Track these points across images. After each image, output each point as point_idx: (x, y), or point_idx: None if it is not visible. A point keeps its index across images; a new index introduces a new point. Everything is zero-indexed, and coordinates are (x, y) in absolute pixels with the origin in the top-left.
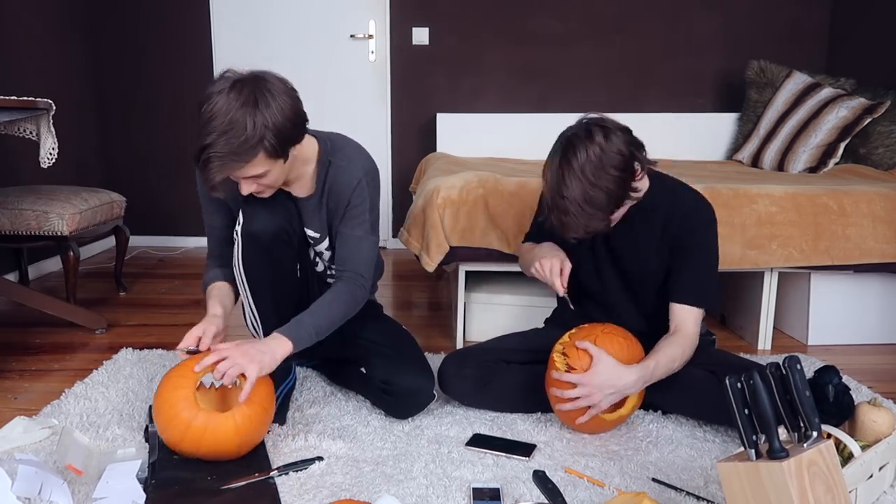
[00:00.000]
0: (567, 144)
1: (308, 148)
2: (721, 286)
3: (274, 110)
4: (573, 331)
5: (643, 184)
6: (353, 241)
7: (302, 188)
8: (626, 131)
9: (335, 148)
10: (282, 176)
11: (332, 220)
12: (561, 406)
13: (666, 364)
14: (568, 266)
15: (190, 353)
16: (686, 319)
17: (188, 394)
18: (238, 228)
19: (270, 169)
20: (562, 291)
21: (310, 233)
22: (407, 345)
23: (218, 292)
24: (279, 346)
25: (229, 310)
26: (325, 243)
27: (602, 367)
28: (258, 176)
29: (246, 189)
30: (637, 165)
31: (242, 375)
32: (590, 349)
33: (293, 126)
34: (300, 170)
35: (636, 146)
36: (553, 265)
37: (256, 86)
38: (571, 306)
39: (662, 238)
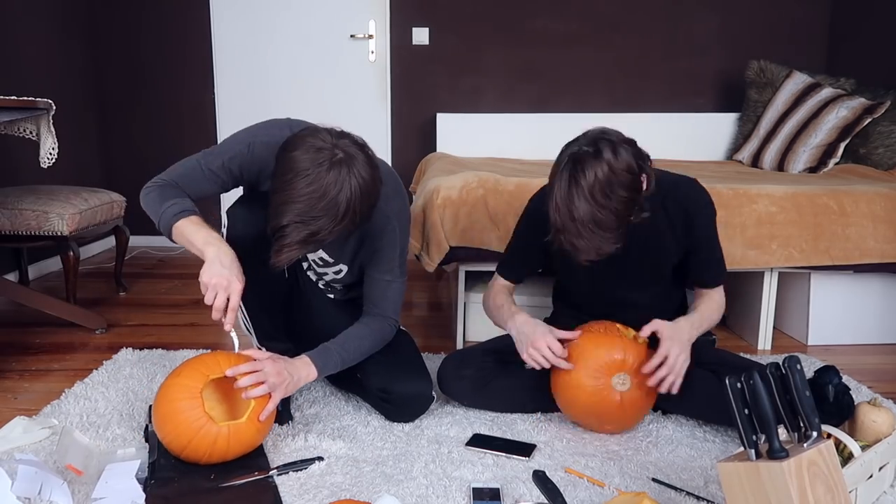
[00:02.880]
0: (574, 163)
1: None
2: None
3: (361, 194)
4: (581, 329)
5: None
6: (382, 284)
7: None
8: (632, 143)
9: None
10: None
11: (356, 252)
12: (665, 385)
13: (708, 317)
14: (560, 335)
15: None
16: (713, 294)
17: (200, 412)
18: (223, 232)
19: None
20: (564, 365)
21: (322, 255)
22: (402, 350)
23: (206, 226)
24: (305, 371)
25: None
26: (336, 268)
27: (668, 329)
28: None
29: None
30: (644, 179)
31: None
32: (652, 328)
33: (371, 207)
34: None
35: (643, 158)
36: (551, 343)
37: (350, 166)
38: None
39: (672, 234)
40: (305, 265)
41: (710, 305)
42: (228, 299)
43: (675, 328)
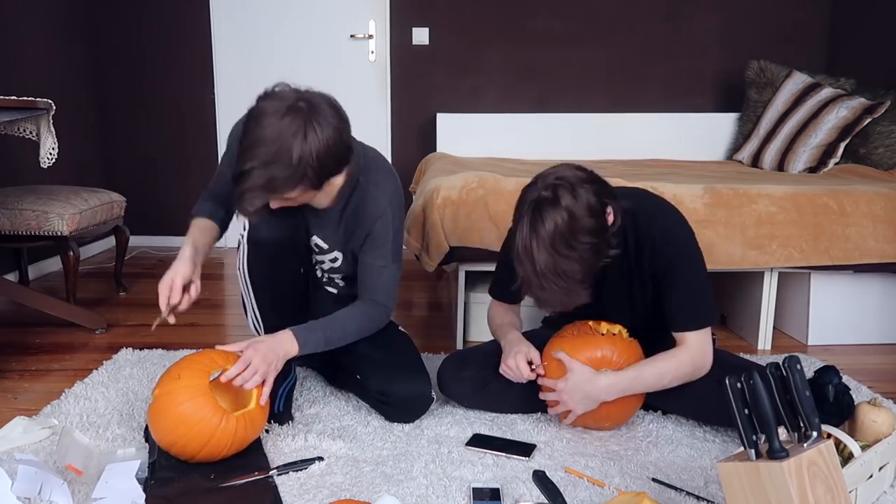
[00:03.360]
0: (534, 211)
1: (338, 178)
2: (713, 298)
3: (321, 145)
4: (555, 337)
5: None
6: (375, 270)
7: (324, 200)
8: (592, 181)
9: (368, 167)
10: (310, 198)
11: (348, 239)
12: (549, 409)
13: (653, 377)
14: (533, 355)
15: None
16: (688, 340)
17: (215, 407)
18: (244, 233)
19: (302, 195)
20: (533, 376)
21: (317, 241)
22: (401, 351)
23: (197, 229)
24: (288, 346)
25: (203, 249)
26: (331, 255)
27: (571, 375)
28: (289, 199)
29: (275, 205)
30: (609, 213)
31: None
32: (563, 359)
33: (336, 162)
34: (324, 197)
35: (606, 193)
36: (519, 363)
37: (310, 116)
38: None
39: (640, 264)
40: (313, 260)
41: (663, 365)
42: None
43: (573, 380)
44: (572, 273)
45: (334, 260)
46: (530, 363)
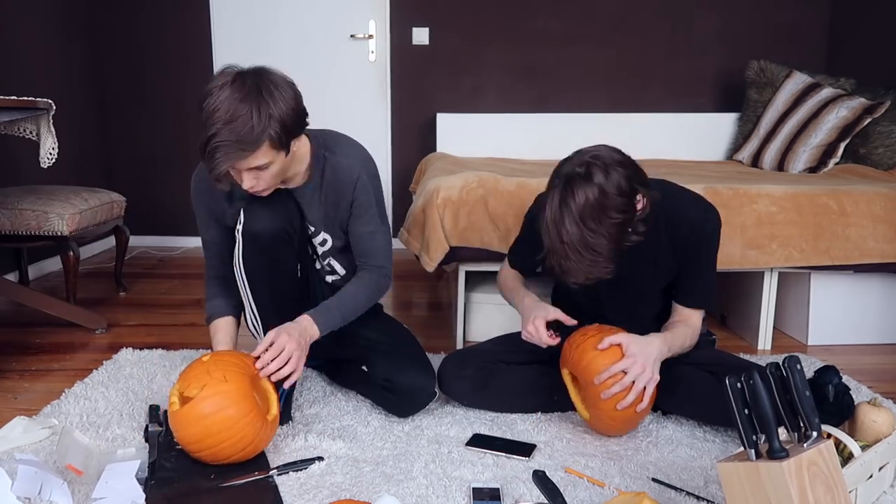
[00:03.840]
0: (566, 185)
1: (301, 145)
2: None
3: (277, 100)
4: (572, 348)
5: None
6: (367, 237)
7: (297, 170)
8: (626, 164)
9: (328, 143)
10: (282, 171)
11: (332, 215)
12: (622, 403)
13: (680, 341)
14: (553, 315)
15: None
16: (691, 316)
17: (260, 410)
18: (239, 227)
19: (273, 160)
20: (553, 342)
21: (308, 226)
22: (408, 343)
23: (223, 332)
24: (310, 328)
25: (234, 345)
26: (320, 238)
27: (633, 344)
28: (260, 168)
29: (247, 182)
30: (639, 200)
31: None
32: (613, 340)
33: (296, 116)
34: (296, 168)
35: (638, 180)
36: (539, 327)
37: (259, 78)
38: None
39: (671, 249)
40: (310, 250)
41: (685, 331)
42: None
43: (643, 344)
44: (598, 247)
45: (324, 242)
46: (549, 327)
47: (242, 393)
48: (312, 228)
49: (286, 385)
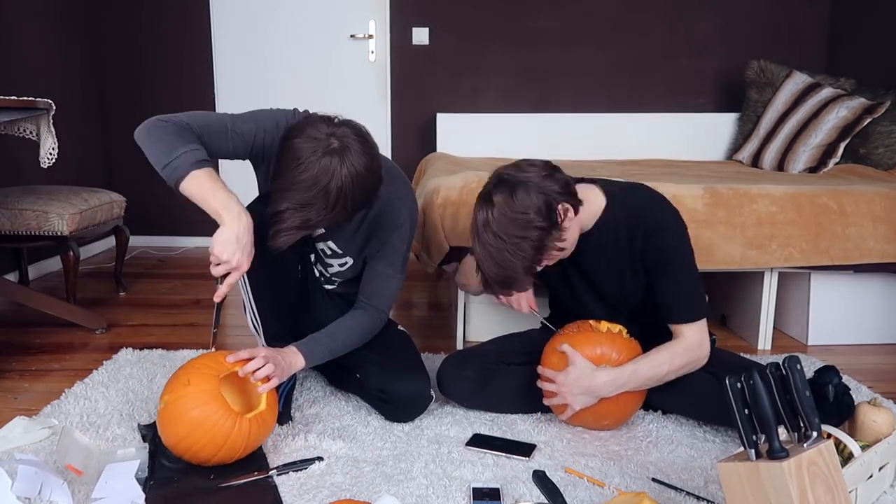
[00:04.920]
0: (481, 200)
1: None
2: (704, 289)
3: (354, 185)
4: (556, 335)
5: (597, 203)
6: (383, 277)
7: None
8: (548, 178)
9: (388, 179)
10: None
11: (363, 247)
12: (545, 399)
13: (650, 369)
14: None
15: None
16: (684, 332)
17: (229, 411)
18: None
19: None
20: (535, 311)
21: (331, 245)
22: (401, 350)
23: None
24: (294, 360)
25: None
26: (342, 260)
27: (573, 368)
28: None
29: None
30: (561, 211)
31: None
32: (567, 351)
33: (367, 196)
34: None
35: (561, 193)
36: (520, 299)
37: (343, 157)
38: (554, 328)
39: (631, 254)
40: (313, 257)
41: (658, 358)
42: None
43: (581, 374)
44: (507, 263)
45: (343, 264)
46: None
47: (207, 394)
48: (340, 251)
49: (262, 389)
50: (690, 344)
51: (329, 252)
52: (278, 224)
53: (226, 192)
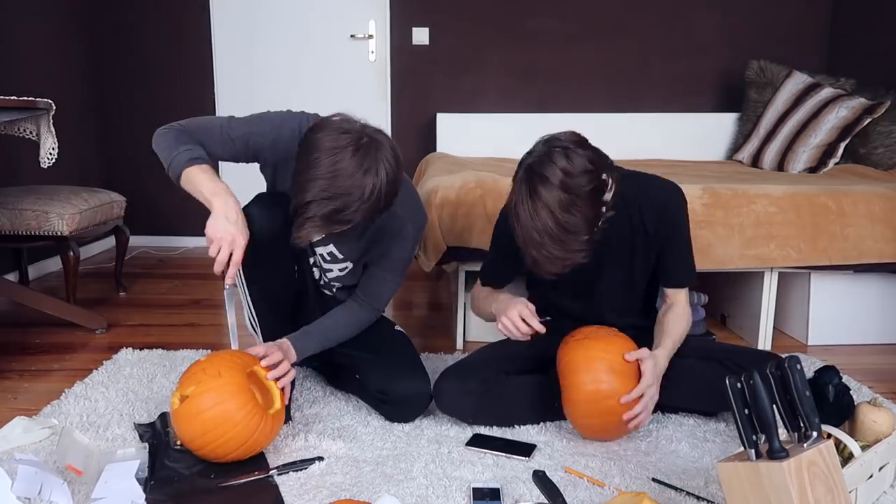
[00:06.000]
0: (531, 174)
1: None
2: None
3: (383, 185)
4: (575, 349)
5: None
6: (381, 280)
7: None
8: (585, 144)
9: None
10: None
11: (365, 252)
12: (636, 422)
13: (677, 336)
14: (531, 306)
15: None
16: (679, 297)
17: (256, 406)
18: None
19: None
20: (539, 328)
21: (332, 250)
22: (399, 350)
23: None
24: (289, 355)
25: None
26: (343, 265)
27: (647, 365)
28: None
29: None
30: (605, 178)
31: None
32: (638, 355)
33: (390, 199)
34: None
35: (601, 158)
36: (513, 319)
37: (376, 155)
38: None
39: (644, 234)
40: (312, 260)
41: (678, 323)
42: (232, 254)
43: (657, 366)
44: (574, 227)
45: (343, 269)
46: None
47: (238, 387)
48: (341, 256)
49: (281, 384)
50: (686, 306)
51: (329, 257)
52: (305, 214)
53: (215, 182)
